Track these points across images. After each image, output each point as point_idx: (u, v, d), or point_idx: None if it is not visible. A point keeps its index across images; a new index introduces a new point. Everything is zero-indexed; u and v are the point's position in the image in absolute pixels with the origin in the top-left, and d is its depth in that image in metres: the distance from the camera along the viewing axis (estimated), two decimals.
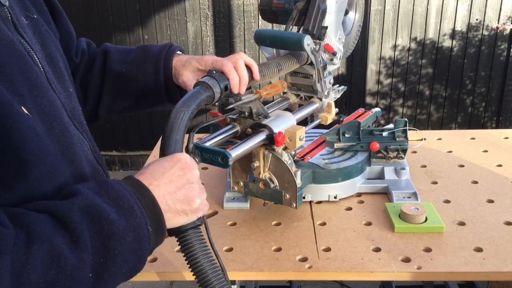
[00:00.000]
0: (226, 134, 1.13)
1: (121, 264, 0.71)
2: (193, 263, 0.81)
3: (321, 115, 1.40)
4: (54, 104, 0.80)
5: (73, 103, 0.90)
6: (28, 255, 0.62)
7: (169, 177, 0.79)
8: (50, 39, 0.92)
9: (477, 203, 1.36)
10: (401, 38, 3.95)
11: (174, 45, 1.21)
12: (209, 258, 0.82)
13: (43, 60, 0.84)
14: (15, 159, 0.70)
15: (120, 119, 4.21)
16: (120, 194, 0.73)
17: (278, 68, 1.21)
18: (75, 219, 0.67)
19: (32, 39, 0.84)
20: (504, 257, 1.13)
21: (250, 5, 3.90)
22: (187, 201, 0.79)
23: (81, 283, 0.67)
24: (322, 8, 1.30)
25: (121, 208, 0.71)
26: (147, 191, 0.76)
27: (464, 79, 4.05)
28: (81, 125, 0.90)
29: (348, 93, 4.07)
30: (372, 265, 1.12)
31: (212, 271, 0.81)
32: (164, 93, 1.19)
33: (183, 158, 0.83)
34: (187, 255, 0.82)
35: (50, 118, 0.78)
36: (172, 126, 0.87)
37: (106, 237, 0.69)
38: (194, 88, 1.00)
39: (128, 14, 3.94)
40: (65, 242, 0.66)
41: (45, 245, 0.64)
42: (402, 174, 1.45)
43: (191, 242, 0.81)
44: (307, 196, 1.37)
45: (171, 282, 2.90)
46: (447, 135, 1.86)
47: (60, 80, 0.88)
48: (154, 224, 0.75)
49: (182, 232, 0.82)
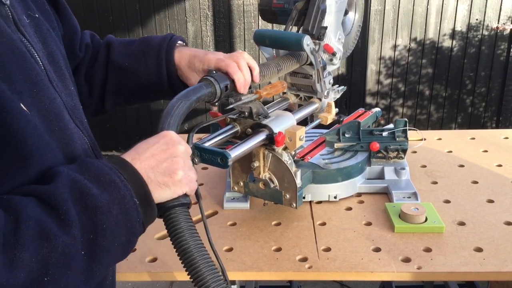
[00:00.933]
0: (226, 134, 1.13)
1: (111, 238, 0.71)
2: (177, 241, 0.78)
3: (321, 115, 1.40)
4: (55, 102, 0.80)
5: (74, 102, 0.91)
6: (18, 236, 0.63)
7: (152, 151, 0.79)
8: (51, 38, 0.92)
9: (477, 203, 1.36)
10: (401, 38, 3.95)
11: (175, 36, 1.20)
12: (195, 236, 0.79)
13: (44, 58, 0.84)
14: (16, 154, 0.71)
15: (120, 119, 4.22)
16: (100, 170, 0.73)
17: (278, 68, 1.21)
18: (60, 197, 0.68)
19: (33, 37, 0.84)
20: (504, 257, 1.13)
21: (250, 5, 3.90)
22: (168, 173, 0.79)
23: (74, 260, 0.67)
24: (322, 8, 1.30)
25: (102, 183, 0.72)
26: (128, 165, 0.76)
27: (464, 79, 4.05)
28: (82, 123, 0.90)
29: (348, 93, 4.07)
30: (372, 265, 1.12)
31: (197, 250, 0.78)
32: (167, 85, 1.19)
33: (168, 134, 0.83)
34: (171, 233, 0.79)
35: (50, 115, 0.78)
36: (167, 112, 0.88)
37: (92, 212, 0.69)
38: (197, 84, 1.00)
39: (128, 14, 3.94)
40: (53, 221, 0.66)
41: (33, 224, 0.64)
42: (402, 174, 1.45)
43: (177, 220, 0.79)
44: (307, 196, 1.37)
45: (171, 282, 2.90)
46: (447, 135, 1.86)
47: (61, 78, 0.89)
48: (140, 196, 0.75)
49: (168, 209, 0.79)
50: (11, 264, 0.61)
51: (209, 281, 0.77)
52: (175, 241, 0.79)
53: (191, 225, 0.80)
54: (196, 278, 0.77)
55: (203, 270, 0.77)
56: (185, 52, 1.17)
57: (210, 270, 0.78)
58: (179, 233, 0.78)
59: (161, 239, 1.25)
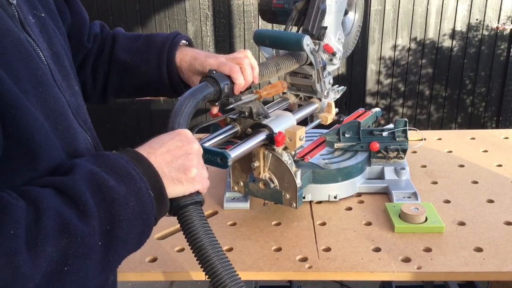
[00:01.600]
0: (226, 134, 1.13)
1: (128, 229, 0.72)
2: (192, 239, 0.79)
3: (321, 115, 1.40)
4: (59, 101, 0.81)
5: (78, 101, 0.91)
6: (39, 226, 0.63)
7: (167, 147, 0.80)
8: (56, 38, 0.93)
9: (477, 203, 1.36)
10: (401, 38, 3.95)
11: (180, 35, 1.20)
12: (209, 234, 0.80)
13: (49, 58, 0.85)
14: (26, 151, 0.71)
15: (120, 119, 4.22)
16: (117, 163, 0.74)
17: (277, 68, 1.21)
18: (79, 189, 0.69)
19: (38, 37, 0.85)
20: (504, 257, 1.13)
21: (250, 5, 3.90)
22: (183, 170, 0.79)
23: (92, 250, 0.68)
24: (322, 8, 1.29)
25: (119, 175, 0.73)
26: (144, 158, 0.77)
27: (464, 79, 4.05)
28: (86, 123, 0.91)
29: (348, 93, 4.07)
30: (372, 265, 1.12)
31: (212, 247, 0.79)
32: (168, 84, 1.19)
33: (183, 132, 0.84)
34: (186, 231, 0.80)
35: (55, 114, 0.79)
36: (176, 111, 0.89)
37: (109, 204, 0.70)
38: (201, 83, 1.01)
39: (128, 14, 3.94)
40: (72, 212, 0.67)
41: (53, 216, 0.65)
42: (402, 174, 1.45)
43: (191, 218, 0.80)
44: (307, 196, 1.37)
45: (171, 282, 2.90)
46: (447, 135, 1.86)
47: (65, 78, 0.89)
48: (155, 189, 0.75)
49: (183, 207, 0.80)
50: (34, 254, 0.62)
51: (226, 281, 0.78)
52: (190, 240, 0.80)
53: (206, 223, 0.81)
54: (213, 277, 0.79)
55: (220, 270, 0.78)
56: (186, 53, 1.17)
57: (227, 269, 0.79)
58: (194, 232, 0.79)
59: (161, 239, 1.25)
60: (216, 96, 1.02)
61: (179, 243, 1.22)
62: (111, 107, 4.19)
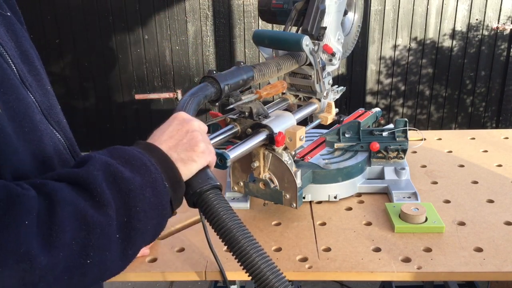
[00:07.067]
0: (226, 134, 1.13)
1: (145, 220, 0.71)
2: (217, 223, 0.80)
3: (321, 115, 1.40)
4: (24, 102, 0.78)
5: (50, 101, 0.88)
6: (54, 217, 0.62)
7: (168, 133, 0.81)
8: (24, 38, 0.90)
9: (477, 203, 1.36)
10: (401, 38, 3.95)
11: None
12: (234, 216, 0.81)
13: (15, 57, 0.82)
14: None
15: (120, 119, 4.22)
16: (131, 154, 0.74)
17: (277, 67, 1.21)
18: (95, 180, 0.68)
19: (3, 36, 0.82)
20: (504, 257, 1.12)
21: (250, 5, 3.90)
22: (190, 147, 0.80)
23: (111, 241, 0.67)
24: (321, 8, 1.30)
25: (134, 167, 0.73)
26: (156, 149, 0.78)
27: (464, 79, 4.06)
28: (59, 123, 0.88)
29: (348, 93, 4.07)
30: (372, 265, 1.12)
31: (238, 229, 0.80)
32: None
33: (178, 115, 0.84)
34: (209, 218, 0.81)
35: (19, 116, 0.76)
36: (180, 107, 0.90)
37: (125, 195, 0.70)
38: (201, 83, 1.01)
39: (128, 14, 3.94)
40: (88, 203, 0.66)
41: (68, 207, 0.64)
42: (402, 174, 1.45)
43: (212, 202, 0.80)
44: (307, 196, 1.37)
45: (171, 282, 2.90)
46: (447, 135, 1.86)
47: (36, 78, 0.87)
48: (170, 179, 0.76)
49: (201, 194, 0.80)
50: (49, 244, 0.61)
51: (258, 263, 0.80)
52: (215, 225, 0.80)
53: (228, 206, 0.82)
54: (256, 274, 0.80)
55: (254, 256, 0.80)
56: None
57: (259, 253, 0.80)
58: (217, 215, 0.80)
59: (161, 239, 1.25)
60: (217, 96, 1.02)
61: (179, 243, 1.22)
62: (111, 107, 4.20)
